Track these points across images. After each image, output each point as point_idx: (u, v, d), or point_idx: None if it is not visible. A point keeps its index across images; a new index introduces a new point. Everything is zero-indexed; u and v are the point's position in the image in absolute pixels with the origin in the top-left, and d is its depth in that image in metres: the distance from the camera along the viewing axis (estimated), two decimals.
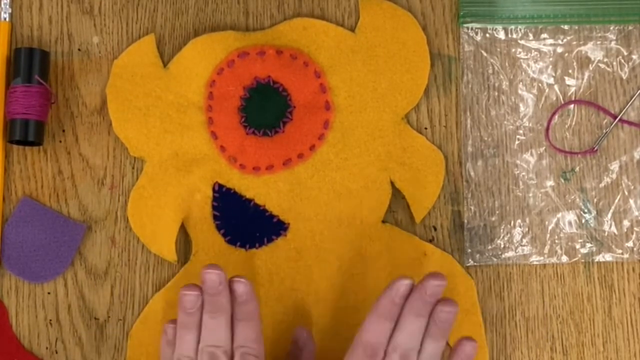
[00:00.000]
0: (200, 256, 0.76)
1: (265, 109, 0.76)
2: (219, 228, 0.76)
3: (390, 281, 0.68)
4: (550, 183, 0.77)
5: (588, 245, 0.77)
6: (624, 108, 0.78)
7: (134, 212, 0.76)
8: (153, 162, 0.76)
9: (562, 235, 0.77)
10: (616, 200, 0.77)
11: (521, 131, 0.78)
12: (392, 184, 0.76)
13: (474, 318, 0.75)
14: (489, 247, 0.77)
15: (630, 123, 0.78)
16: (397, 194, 0.77)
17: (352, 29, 0.78)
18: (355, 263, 0.76)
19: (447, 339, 0.69)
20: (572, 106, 0.78)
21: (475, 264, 0.76)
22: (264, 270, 0.76)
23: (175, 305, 0.74)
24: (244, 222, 0.76)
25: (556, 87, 0.78)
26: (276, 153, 0.76)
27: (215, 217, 0.76)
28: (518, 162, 0.77)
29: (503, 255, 0.77)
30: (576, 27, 0.78)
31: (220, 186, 0.76)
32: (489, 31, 0.78)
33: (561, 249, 0.77)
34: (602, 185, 0.77)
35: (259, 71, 0.77)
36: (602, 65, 0.78)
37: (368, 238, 0.76)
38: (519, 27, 0.78)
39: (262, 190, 0.76)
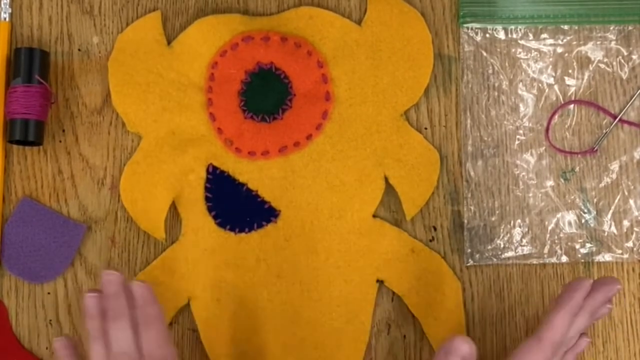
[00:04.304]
0: (190, 237, 0.76)
1: (266, 94, 0.77)
2: (210, 210, 0.76)
3: (570, 281, 0.72)
4: (550, 183, 0.77)
5: (588, 245, 0.77)
6: (624, 108, 0.78)
7: (126, 187, 0.76)
8: (149, 138, 0.76)
9: (562, 235, 0.77)
10: (616, 201, 0.77)
11: (521, 131, 0.78)
12: (386, 180, 0.76)
13: (457, 319, 0.75)
14: (489, 247, 0.77)
15: (630, 123, 0.78)
16: (396, 193, 0.77)
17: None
18: (343, 255, 0.76)
19: None
20: (572, 106, 0.78)
21: (475, 263, 0.76)
22: (252, 256, 0.76)
23: (160, 283, 0.75)
24: (235, 205, 0.76)
25: (556, 87, 0.78)
26: (273, 139, 0.76)
27: (207, 199, 0.76)
28: (518, 162, 0.77)
29: (503, 255, 0.77)
30: (576, 27, 0.78)
31: (215, 168, 0.76)
32: (489, 31, 0.78)
33: (561, 249, 0.77)
34: (602, 185, 0.77)
35: (262, 56, 0.77)
36: (602, 65, 0.78)
37: (358, 232, 0.76)
38: (519, 27, 0.78)
39: (256, 175, 0.76)
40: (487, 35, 0.78)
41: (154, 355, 0.66)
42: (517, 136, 0.77)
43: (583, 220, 0.77)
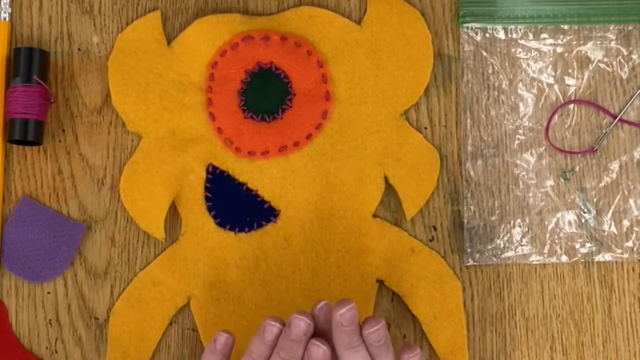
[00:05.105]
0: (189, 237, 0.76)
1: (266, 94, 0.77)
2: (209, 209, 0.76)
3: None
4: (550, 183, 0.77)
5: (588, 245, 0.77)
6: (624, 108, 0.78)
7: (126, 187, 0.76)
8: (149, 138, 0.76)
9: (561, 235, 0.77)
10: (616, 200, 0.77)
11: (521, 131, 0.78)
12: (386, 179, 0.76)
13: (457, 319, 0.75)
14: (489, 246, 0.77)
15: (630, 123, 0.78)
16: (396, 193, 0.77)
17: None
18: (343, 255, 0.76)
19: (392, 349, 0.67)
20: (572, 106, 0.78)
21: (475, 263, 0.76)
22: (251, 255, 0.76)
23: (160, 283, 0.75)
24: (235, 205, 0.76)
25: (556, 86, 0.78)
26: (272, 139, 0.76)
27: (207, 199, 0.76)
28: (518, 161, 0.77)
29: (503, 255, 0.77)
30: (576, 27, 0.78)
31: (215, 168, 0.76)
32: (489, 31, 0.78)
33: (561, 248, 0.77)
34: (602, 185, 0.77)
35: (262, 56, 0.77)
36: (602, 65, 0.78)
37: (357, 231, 0.76)
38: (519, 27, 0.78)
39: (256, 175, 0.76)
40: (487, 35, 0.78)
41: None
42: (517, 136, 0.77)
43: (583, 220, 0.77)
